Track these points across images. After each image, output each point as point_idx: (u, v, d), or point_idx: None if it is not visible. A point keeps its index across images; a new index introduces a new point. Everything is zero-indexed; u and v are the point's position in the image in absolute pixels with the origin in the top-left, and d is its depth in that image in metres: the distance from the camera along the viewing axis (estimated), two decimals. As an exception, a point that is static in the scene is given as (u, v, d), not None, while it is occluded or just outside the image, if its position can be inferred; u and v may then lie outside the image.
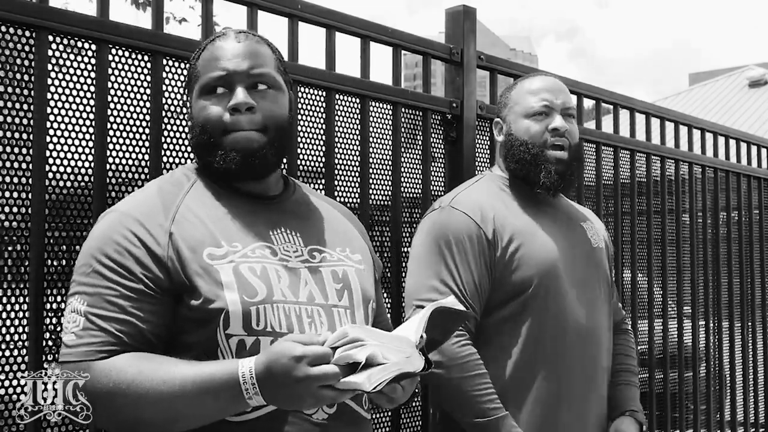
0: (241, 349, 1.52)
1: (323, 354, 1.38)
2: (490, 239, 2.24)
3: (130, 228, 1.55)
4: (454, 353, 2.15)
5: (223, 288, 1.53)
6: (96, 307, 1.50)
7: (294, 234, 1.69)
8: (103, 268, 1.53)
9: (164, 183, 1.68)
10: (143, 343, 1.51)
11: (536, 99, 2.36)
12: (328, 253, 1.71)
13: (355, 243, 1.81)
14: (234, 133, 1.62)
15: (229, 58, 1.64)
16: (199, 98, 1.65)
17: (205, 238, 1.57)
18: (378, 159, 2.61)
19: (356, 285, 1.71)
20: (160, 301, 1.53)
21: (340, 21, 2.51)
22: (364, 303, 1.71)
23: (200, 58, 1.68)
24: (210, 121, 1.63)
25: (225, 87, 1.64)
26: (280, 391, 1.39)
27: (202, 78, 1.65)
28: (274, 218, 1.68)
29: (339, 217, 1.85)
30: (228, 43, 1.67)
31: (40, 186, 1.86)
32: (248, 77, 1.64)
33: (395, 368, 1.39)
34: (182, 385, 1.43)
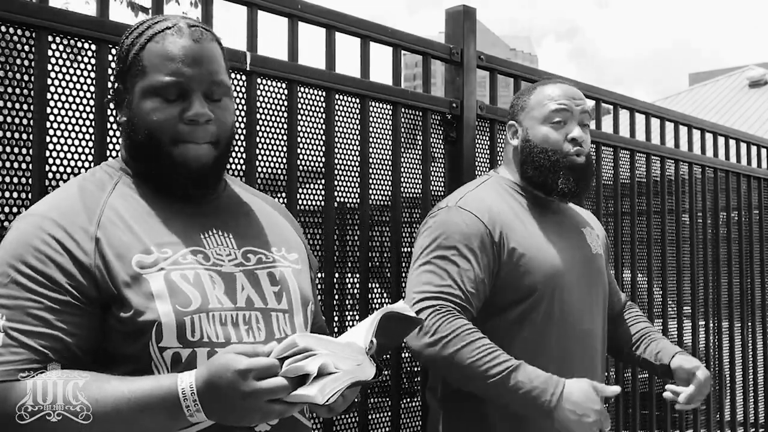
0: (176, 362, 1.42)
1: (270, 366, 1.30)
2: (497, 241, 2.23)
3: (50, 233, 1.43)
4: (443, 329, 2.11)
5: (154, 298, 1.42)
6: (16, 321, 1.37)
7: (226, 236, 1.58)
8: (23, 277, 1.40)
9: (85, 182, 1.55)
10: (70, 359, 1.40)
11: (555, 106, 2.35)
12: (263, 254, 1.61)
13: (291, 241, 1.71)
14: (186, 144, 1.51)
15: (187, 62, 1.51)
16: (145, 98, 1.51)
17: (132, 243, 1.45)
18: (378, 159, 2.61)
19: (294, 286, 1.61)
20: (87, 313, 1.41)
21: (340, 21, 2.51)
22: (303, 305, 1.61)
23: (147, 49, 1.52)
24: (161, 129, 1.50)
25: (179, 93, 1.51)
26: (224, 408, 1.31)
27: (152, 77, 1.50)
28: (204, 219, 1.57)
29: (272, 212, 1.74)
30: (184, 41, 1.52)
31: (40, 186, 1.86)
32: (205, 85, 1.52)
33: (347, 377, 1.33)
34: (116, 404, 1.33)
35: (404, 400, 2.64)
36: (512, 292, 2.24)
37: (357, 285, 2.52)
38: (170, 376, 1.36)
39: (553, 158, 2.33)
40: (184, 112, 1.51)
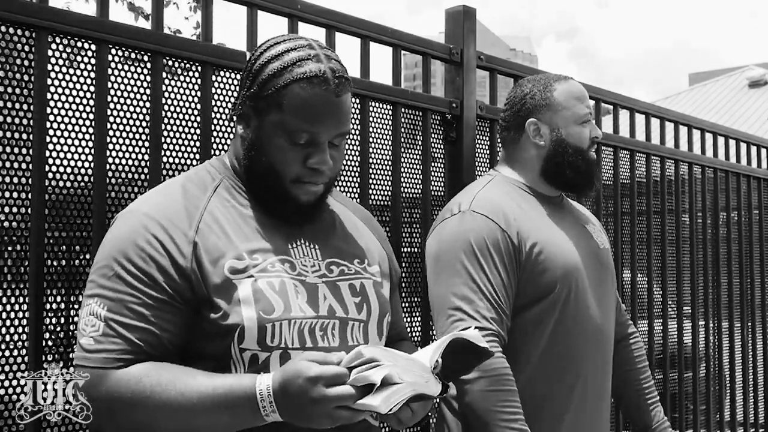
0: (253, 363, 1.52)
1: (339, 374, 1.39)
2: (516, 243, 2.21)
3: (154, 233, 1.53)
4: (486, 363, 2.03)
5: (241, 304, 1.52)
6: (117, 313, 1.49)
7: (313, 247, 1.68)
8: (126, 273, 1.51)
9: (188, 183, 1.66)
10: (162, 353, 1.51)
11: (583, 106, 2.37)
12: (345, 266, 1.70)
13: (374, 253, 1.80)
14: (304, 185, 1.62)
15: (325, 117, 1.58)
16: (275, 134, 1.59)
17: (227, 249, 1.56)
18: (378, 159, 2.61)
19: (374, 298, 1.70)
20: (180, 312, 1.52)
21: (340, 21, 2.51)
22: (380, 317, 1.70)
23: (289, 90, 1.57)
24: (284, 168, 1.60)
25: (309, 139, 1.59)
26: (296, 411, 1.40)
27: (289, 119, 1.57)
28: (294, 229, 1.67)
29: (356, 222, 1.84)
30: (328, 95, 1.58)
31: (40, 186, 1.86)
32: (333, 136, 1.61)
33: (410, 389, 1.39)
34: (200, 398, 1.44)
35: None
36: (533, 291, 2.22)
37: (357, 285, 2.52)
38: (250, 377, 1.45)
39: (586, 156, 2.36)
40: (308, 158, 1.60)
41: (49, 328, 1.87)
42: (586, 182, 2.38)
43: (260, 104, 1.61)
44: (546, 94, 2.37)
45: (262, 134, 1.61)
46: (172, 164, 2.10)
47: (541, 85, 2.40)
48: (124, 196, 2.01)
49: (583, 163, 2.35)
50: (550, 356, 2.23)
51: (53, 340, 1.88)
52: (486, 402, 2.07)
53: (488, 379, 2.07)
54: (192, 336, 1.54)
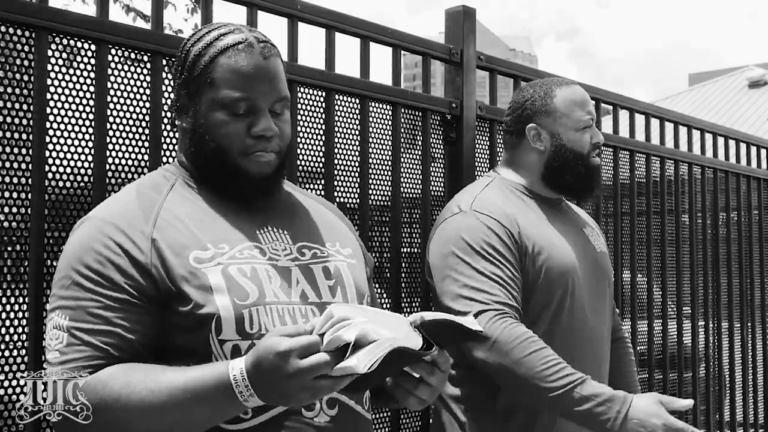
0: (236, 354, 1.46)
1: (311, 343, 1.32)
2: (518, 241, 2.23)
3: (109, 236, 1.49)
4: (506, 336, 2.09)
5: (213, 292, 1.47)
6: (79, 320, 1.45)
7: (281, 232, 1.64)
8: (84, 279, 1.47)
9: (142, 187, 1.62)
10: (131, 355, 1.46)
11: (584, 113, 2.38)
12: (318, 249, 1.66)
13: (345, 237, 1.77)
14: (253, 155, 1.58)
15: (258, 80, 1.57)
16: (213, 110, 1.57)
17: (189, 241, 1.51)
18: (378, 159, 2.61)
19: (349, 280, 1.66)
20: (146, 310, 1.48)
21: (340, 21, 2.51)
22: (358, 299, 1.66)
23: (217, 63, 1.57)
24: (230, 142, 1.57)
25: (247, 108, 1.57)
26: (273, 390, 1.34)
27: (223, 91, 1.56)
28: (259, 216, 1.63)
29: (325, 211, 1.81)
30: (255, 58, 1.58)
31: (40, 186, 1.86)
32: (272, 101, 1.59)
33: (388, 343, 1.29)
34: (170, 394, 1.38)
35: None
36: (530, 292, 2.24)
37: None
38: (221, 364, 1.40)
39: (586, 163, 2.37)
40: (251, 127, 1.58)
41: (48, 328, 1.87)
42: (586, 187, 2.40)
43: (192, 88, 1.59)
44: (546, 100, 2.39)
45: (201, 116, 1.59)
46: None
47: (542, 91, 2.42)
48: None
49: (584, 168, 2.37)
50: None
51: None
52: (527, 368, 2.07)
53: (518, 348, 2.08)
54: (167, 334, 1.49)
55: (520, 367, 2.08)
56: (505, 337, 2.09)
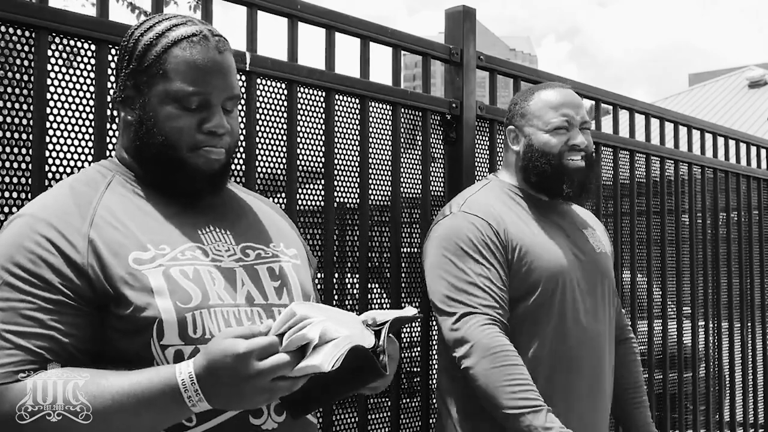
0: (179, 360, 1.40)
1: (270, 344, 1.29)
2: (504, 242, 2.26)
3: (42, 233, 1.41)
4: (485, 344, 2.14)
5: (154, 295, 1.40)
6: (10, 323, 1.36)
7: (224, 232, 1.57)
8: (15, 279, 1.38)
9: (76, 183, 1.53)
10: (67, 359, 1.38)
11: (556, 115, 2.37)
12: (261, 250, 1.60)
13: (289, 237, 1.71)
14: (202, 151, 1.52)
15: (212, 75, 1.51)
16: (164, 103, 1.50)
17: (128, 241, 1.44)
18: (377, 159, 2.61)
19: (294, 281, 1.61)
20: (82, 313, 1.40)
21: (340, 21, 2.51)
22: (304, 299, 1.60)
23: (170, 54, 1.50)
24: (179, 136, 1.51)
25: (200, 102, 1.51)
26: (229, 393, 1.30)
27: (175, 84, 1.50)
28: (201, 216, 1.56)
29: (267, 210, 1.74)
30: (211, 52, 1.52)
31: (39, 186, 1.86)
32: (224, 98, 1.53)
33: (346, 342, 1.28)
34: (114, 399, 1.32)
35: (404, 400, 2.65)
36: (515, 291, 2.26)
37: (356, 285, 2.52)
38: (168, 368, 1.34)
39: (554, 163, 2.36)
40: (203, 123, 1.52)
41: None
42: (555, 185, 2.38)
43: (141, 78, 1.52)
44: (524, 102, 2.44)
45: (149, 109, 1.51)
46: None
47: (525, 94, 2.46)
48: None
49: (549, 167, 2.36)
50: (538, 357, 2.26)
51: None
52: (491, 380, 2.12)
53: (489, 357, 2.13)
54: (104, 340, 1.42)
55: (487, 377, 2.13)
56: (482, 345, 2.14)
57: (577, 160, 2.37)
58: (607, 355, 2.42)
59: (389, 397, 2.58)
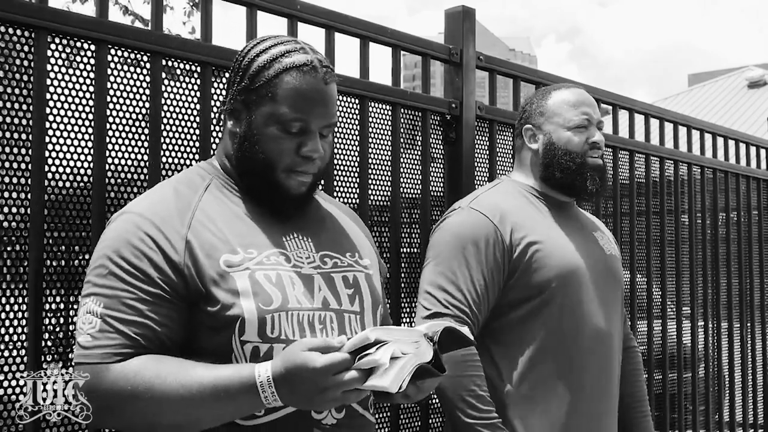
0: (255, 356, 1.54)
1: (344, 360, 1.40)
2: (507, 242, 2.27)
3: (146, 231, 1.55)
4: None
5: (240, 296, 1.54)
6: (113, 309, 1.51)
7: (306, 240, 1.71)
8: (120, 270, 1.53)
9: (179, 185, 1.68)
10: (159, 347, 1.53)
11: (577, 113, 2.41)
12: (339, 259, 1.73)
13: (365, 248, 1.84)
14: (295, 174, 1.64)
15: (316, 105, 1.63)
16: (268, 124, 1.63)
17: (221, 244, 1.58)
18: (377, 159, 2.61)
19: (366, 290, 1.74)
20: (176, 307, 1.54)
21: (340, 21, 2.51)
22: (374, 307, 1.74)
23: (281, 80, 1.62)
24: (278, 157, 1.63)
25: (300, 128, 1.63)
26: (302, 399, 1.43)
27: (281, 108, 1.62)
28: (287, 223, 1.70)
29: (347, 220, 1.88)
30: (317, 83, 1.63)
31: (39, 186, 1.86)
32: (323, 126, 1.65)
33: (412, 362, 1.41)
34: (200, 389, 1.45)
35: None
36: (525, 289, 2.27)
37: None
38: (248, 367, 1.46)
39: (578, 160, 2.39)
40: (300, 147, 1.64)
41: (48, 328, 1.87)
42: (579, 184, 2.40)
43: (251, 97, 1.64)
44: (541, 101, 2.46)
45: (254, 126, 1.64)
46: (171, 164, 2.10)
47: (541, 94, 2.49)
48: (123, 196, 2.01)
49: (574, 164, 2.38)
50: (546, 355, 2.26)
51: (52, 340, 1.88)
52: (452, 388, 2.17)
53: (455, 364, 2.13)
54: (192, 332, 1.56)
55: (449, 384, 2.16)
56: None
57: (597, 157, 2.41)
58: (616, 357, 2.43)
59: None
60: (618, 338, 2.43)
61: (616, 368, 2.43)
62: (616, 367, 2.43)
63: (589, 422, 2.30)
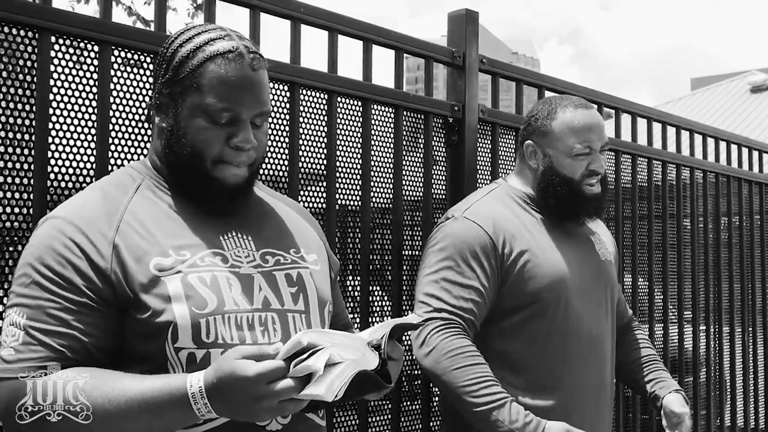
0: (191, 362, 1.47)
1: (278, 369, 1.33)
2: (500, 250, 2.27)
3: (70, 236, 1.47)
4: (443, 346, 2.17)
5: (171, 301, 1.46)
6: (36, 320, 1.43)
7: (245, 238, 1.62)
8: (43, 279, 1.45)
9: (108, 186, 1.60)
10: (86, 358, 1.44)
11: (579, 140, 2.35)
12: (281, 256, 1.65)
13: (311, 242, 1.75)
14: (227, 165, 1.57)
15: (244, 92, 1.55)
16: (195, 115, 1.55)
17: (151, 247, 1.50)
18: (379, 162, 2.61)
19: (312, 287, 1.65)
20: (103, 315, 1.46)
21: (342, 24, 2.51)
22: (320, 306, 1.65)
23: (205, 68, 1.54)
24: (206, 148, 1.55)
25: (230, 118, 1.55)
26: (236, 409, 1.36)
27: (207, 98, 1.54)
28: (224, 222, 1.61)
29: (292, 214, 1.78)
30: (244, 70, 1.55)
31: (42, 187, 1.86)
32: (254, 114, 1.57)
33: (351, 368, 1.34)
34: (128, 402, 1.38)
35: (404, 403, 2.64)
36: (516, 298, 2.27)
37: (358, 288, 2.52)
38: (179, 378, 1.39)
39: (575, 188, 2.35)
40: (231, 137, 1.56)
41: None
42: (572, 213, 2.39)
43: (176, 89, 1.57)
44: (546, 120, 2.40)
45: (181, 119, 1.56)
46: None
47: (546, 110, 2.42)
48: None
49: (570, 193, 2.35)
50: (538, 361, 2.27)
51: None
52: (453, 380, 2.15)
53: (449, 359, 2.15)
54: (123, 339, 1.48)
55: (450, 378, 2.15)
56: (441, 348, 2.17)
57: (594, 185, 2.37)
58: (609, 360, 2.44)
59: (390, 400, 2.58)
60: (609, 344, 2.44)
61: (609, 373, 2.43)
62: (609, 372, 2.43)
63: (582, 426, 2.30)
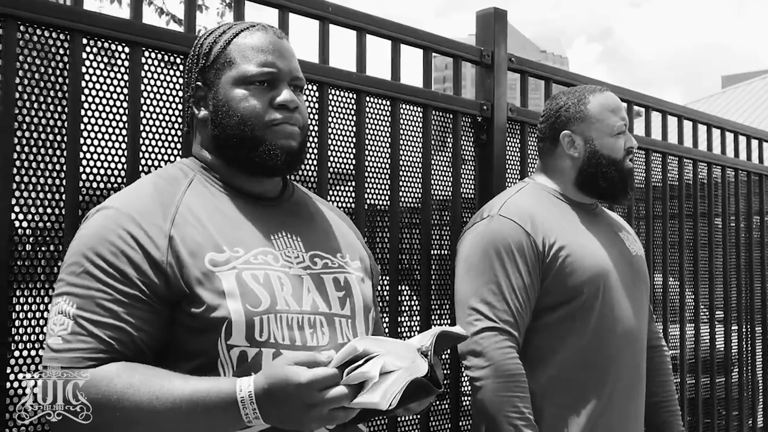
0: (242, 361, 1.45)
1: (331, 376, 1.32)
2: (540, 248, 2.26)
3: (126, 228, 1.45)
4: (502, 366, 2.16)
5: (225, 296, 1.45)
6: (86, 310, 1.41)
7: (295, 238, 1.61)
8: (96, 269, 1.43)
9: (158, 180, 1.58)
10: (135, 353, 1.42)
11: (618, 119, 2.40)
12: (329, 260, 1.64)
13: (355, 249, 1.75)
14: (278, 127, 1.57)
15: (276, 54, 1.60)
16: (234, 87, 1.58)
17: (206, 241, 1.48)
18: (408, 161, 2.60)
19: (358, 293, 1.65)
20: (155, 309, 1.44)
21: (371, 23, 2.51)
22: (365, 312, 1.65)
23: (234, 44, 1.60)
24: (254, 114, 1.56)
25: (268, 82, 1.58)
26: (285, 417, 1.33)
27: (242, 67, 1.58)
28: (274, 221, 1.61)
29: (338, 221, 1.79)
30: (269, 37, 1.61)
31: (74, 187, 1.87)
32: (291, 78, 1.60)
33: (405, 376, 1.32)
34: (175, 402, 1.35)
35: (434, 403, 2.64)
36: (558, 294, 2.27)
37: (387, 287, 2.52)
38: (229, 381, 1.37)
39: (621, 167, 2.39)
40: (273, 99, 1.58)
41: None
42: (620, 192, 2.42)
43: (210, 72, 1.61)
44: (580, 107, 2.41)
45: (221, 96, 1.59)
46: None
47: (575, 98, 2.44)
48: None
49: (617, 173, 2.39)
50: (579, 356, 2.26)
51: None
52: (498, 404, 2.15)
53: (502, 382, 2.15)
54: (173, 334, 1.46)
55: (495, 400, 2.15)
56: (499, 366, 2.16)
57: (630, 163, 2.43)
58: (644, 356, 2.44)
59: (419, 399, 2.58)
60: (644, 336, 2.44)
61: (643, 364, 2.43)
62: (643, 364, 2.43)
63: (619, 422, 2.30)
